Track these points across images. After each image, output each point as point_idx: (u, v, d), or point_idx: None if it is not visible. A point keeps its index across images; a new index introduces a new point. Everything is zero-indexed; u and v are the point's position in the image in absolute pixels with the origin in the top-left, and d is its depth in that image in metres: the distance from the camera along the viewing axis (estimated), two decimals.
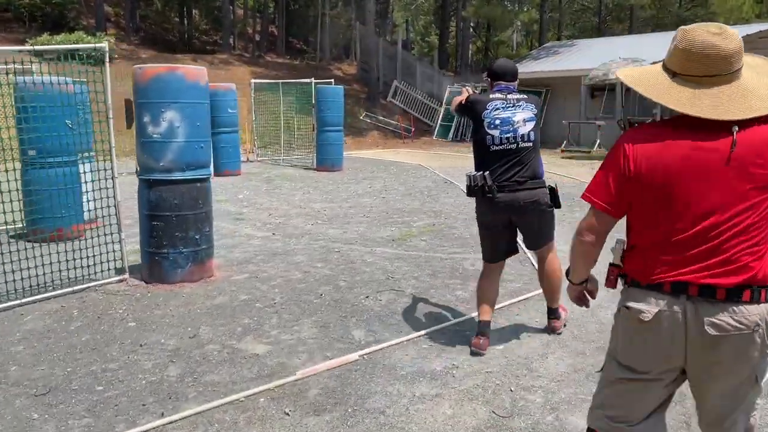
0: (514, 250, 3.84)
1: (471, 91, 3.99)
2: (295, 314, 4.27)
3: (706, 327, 1.69)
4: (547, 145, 18.09)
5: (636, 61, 13.90)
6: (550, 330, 3.89)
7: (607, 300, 4.44)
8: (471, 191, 3.62)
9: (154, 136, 4.79)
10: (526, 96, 3.70)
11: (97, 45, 4.61)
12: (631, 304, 1.80)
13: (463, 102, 3.79)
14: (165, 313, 4.30)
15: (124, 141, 8.56)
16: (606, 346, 3.58)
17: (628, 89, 1.81)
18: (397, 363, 3.47)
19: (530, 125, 3.59)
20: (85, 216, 6.81)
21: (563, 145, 17.48)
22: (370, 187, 10.64)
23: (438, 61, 30.38)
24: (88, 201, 6.40)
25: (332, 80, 15.02)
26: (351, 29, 27.48)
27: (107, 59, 4.68)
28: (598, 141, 16.79)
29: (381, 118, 22.39)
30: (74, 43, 18.97)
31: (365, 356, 3.56)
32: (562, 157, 15.74)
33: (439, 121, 22.05)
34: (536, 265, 4.21)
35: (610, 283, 1.92)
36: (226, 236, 6.75)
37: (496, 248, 3.76)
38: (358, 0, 27.08)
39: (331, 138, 13.03)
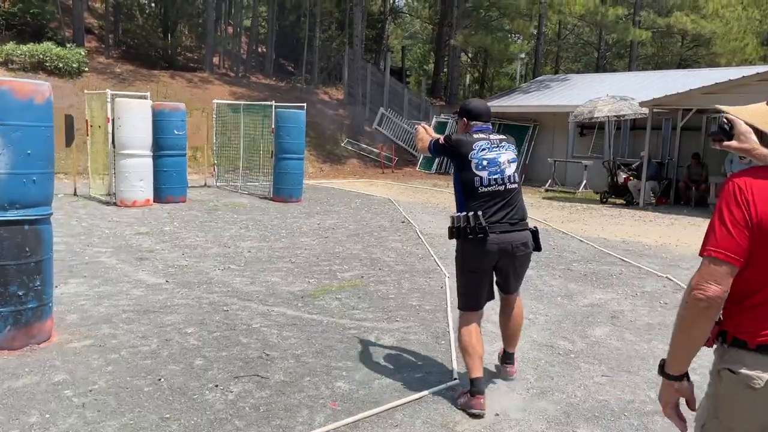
0: (492, 294, 3.63)
1: (426, 128, 3.89)
2: (105, 411, 3.21)
3: None
4: (532, 183, 17.09)
5: (624, 99, 12.97)
6: (505, 374, 3.81)
7: (517, 410, 3.37)
8: (457, 233, 3.41)
9: None
10: (505, 136, 3.62)
11: None
12: (738, 368, 1.61)
13: (441, 142, 3.62)
14: None
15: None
16: None
17: (619, 128, 1.11)
18: None
19: (514, 166, 3.54)
20: None
21: (547, 184, 16.50)
22: (319, 223, 9.61)
23: (431, 90, 29.61)
24: None
25: (305, 104, 14.05)
26: (342, 53, 26.75)
27: None
28: (584, 182, 15.81)
29: (363, 146, 21.48)
30: (41, 54, 18.21)
31: None
32: (543, 197, 14.72)
33: None
34: (455, 336, 3.89)
35: (708, 342, 1.68)
36: (111, 281, 5.72)
37: (483, 292, 3.55)
38: (351, 23, 26.39)
39: (290, 166, 12.07)
